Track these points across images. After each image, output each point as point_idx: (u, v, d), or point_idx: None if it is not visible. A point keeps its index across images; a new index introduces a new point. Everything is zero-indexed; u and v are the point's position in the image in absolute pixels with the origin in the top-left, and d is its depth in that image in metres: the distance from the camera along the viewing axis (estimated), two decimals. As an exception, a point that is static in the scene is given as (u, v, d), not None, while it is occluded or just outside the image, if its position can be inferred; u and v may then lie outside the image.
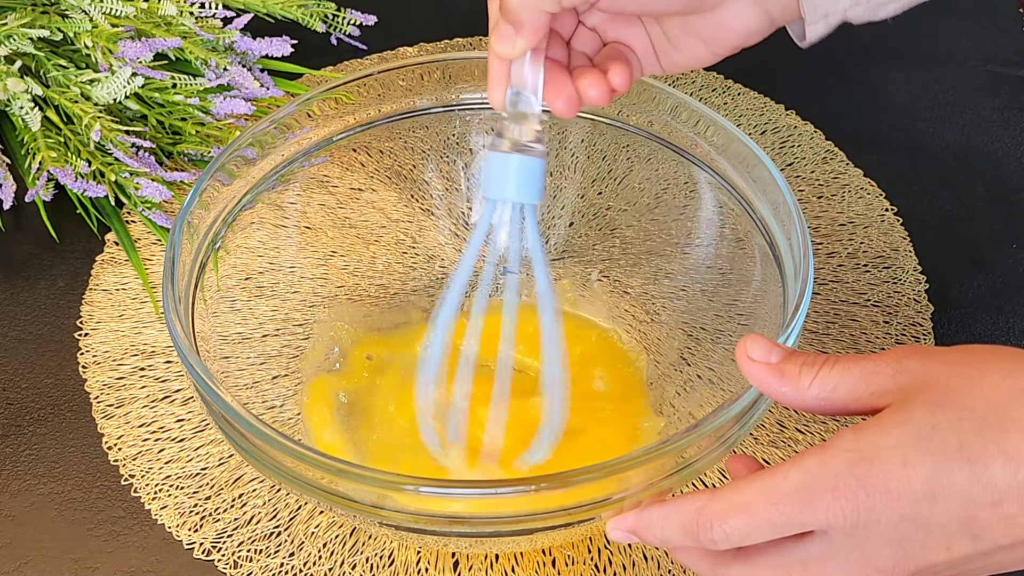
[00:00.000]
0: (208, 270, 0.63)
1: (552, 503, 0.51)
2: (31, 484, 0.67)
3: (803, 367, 0.48)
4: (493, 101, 0.55)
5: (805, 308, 0.56)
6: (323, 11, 0.93)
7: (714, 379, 0.66)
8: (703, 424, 0.52)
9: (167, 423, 0.69)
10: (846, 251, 0.79)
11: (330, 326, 0.70)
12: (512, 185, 0.55)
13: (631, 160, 0.71)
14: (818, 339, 0.73)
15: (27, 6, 0.86)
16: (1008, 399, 0.43)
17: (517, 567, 0.62)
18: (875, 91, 0.92)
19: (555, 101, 0.54)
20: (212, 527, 0.64)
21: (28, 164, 0.80)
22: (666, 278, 0.71)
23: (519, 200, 0.55)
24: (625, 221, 0.73)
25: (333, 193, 0.72)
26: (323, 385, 0.68)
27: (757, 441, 0.68)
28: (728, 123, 0.65)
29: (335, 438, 0.65)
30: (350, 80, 0.68)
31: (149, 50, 0.81)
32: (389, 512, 0.52)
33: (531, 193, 0.55)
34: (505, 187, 0.55)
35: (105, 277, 0.77)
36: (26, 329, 0.75)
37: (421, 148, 0.73)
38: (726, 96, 0.90)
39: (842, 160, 0.85)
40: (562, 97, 0.54)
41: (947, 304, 0.76)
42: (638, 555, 0.63)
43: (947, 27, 0.98)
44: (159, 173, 0.79)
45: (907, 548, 0.44)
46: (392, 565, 0.63)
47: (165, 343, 0.73)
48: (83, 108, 0.80)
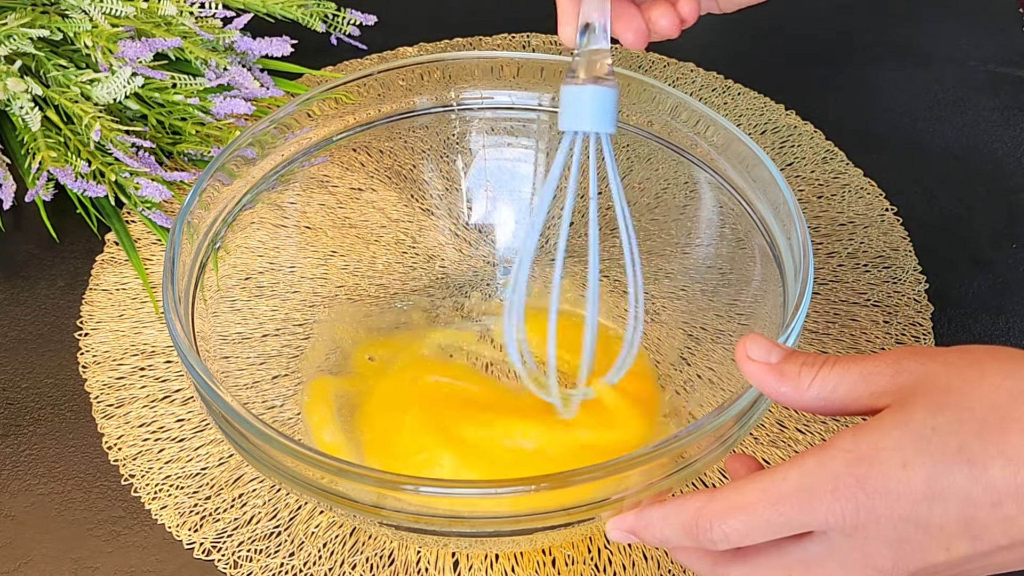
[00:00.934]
0: (208, 270, 0.63)
1: (552, 503, 0.51)
2: (31, 484, 0.67)
3: (803, 367, 0.48)
4: (564, 37, 0.57)
5: (805, 308, 0.56)
6: (323, 11, 0.93)
7: (714, 379, 0.66)
8: (703, 424, 0.52)
9: (167, 423, 0.69)
10: (846, 251, 0.79)
11: (330, 326, 0.70)
12: (587, 115, 0.56)
13: (631, 160, 0.71)
14: (818, 339, 0.73)
15: (27, 6, 0.86)
16: (1008, 400, 0.43)
17: (517, 567, 0.62)
18: (875, 91, 0.92)
19: (625, 33, 0.57)
20: (212, 527, 0.64)
21: (28, 164, 0.80)
22: (666, 278, 0.71)
23: (595, 130, 0.57)
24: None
25: (333, 193, 0.72)
26: (324, 385, 0.68)
27: (757, 441, 0.68)
28: (728, 123, 0.65)
29: (336, 438, 0.65)
30: (350, 80, 0.68)
31: (149, 50, 0.81)
32: (389, 512, 0.52)
33: (606, 122, 0.56)
34: (581, 118, 0.56)
35: (105, 277, 0.77)
36: (26, 329, 0.75)
37: (421, 148, 0.73)
38: (726, 96, 0.90)
39: (842, 160, 0.85)
40: (632, 29, 0.56)
41: (947, 304, 0.76)
42: (638, 555, 0.63)
43: (947, 27, 0.98)
44: (159, 173, 0.79)
45: (906, 549, 0.44)
46: (392, 565, 0.63)
47: (165, 343, 0.73)
48: (83, 108, 0.80)
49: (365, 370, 0.70)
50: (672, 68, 0.93)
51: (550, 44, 0.95)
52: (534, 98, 0.71)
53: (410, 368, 0.70)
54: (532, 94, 0.71)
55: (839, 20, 1.01)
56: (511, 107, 0.72)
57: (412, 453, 0.63)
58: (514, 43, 0.96)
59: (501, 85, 0.71)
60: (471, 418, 0.64)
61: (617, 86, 0.56)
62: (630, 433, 0.64)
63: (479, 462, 0.62)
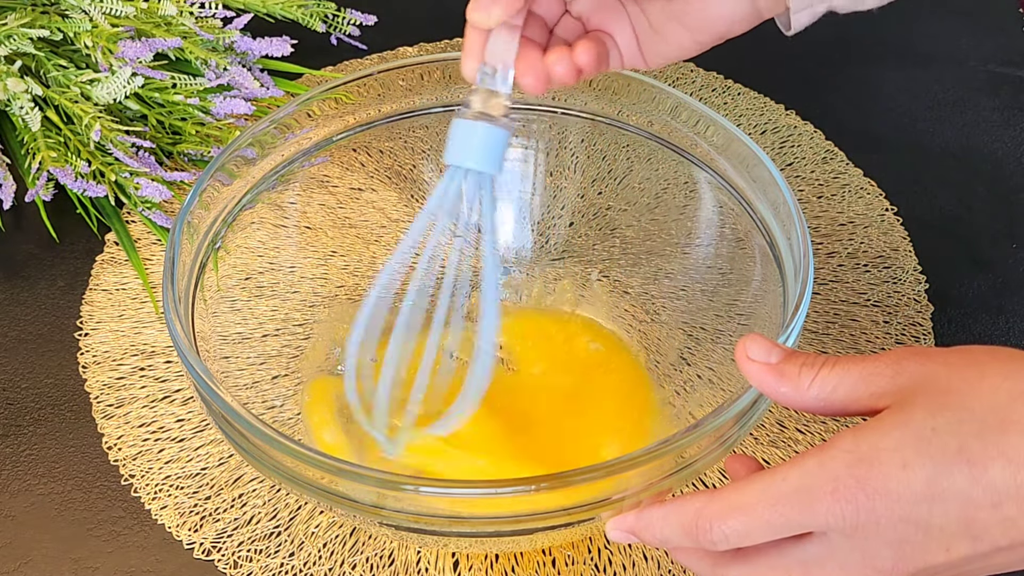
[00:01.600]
0: (208, 270, 0.63)
1: (552, 503, 0.51)
2: (31, 484, 0.67)
3: (803, 368, 0.48)
4: (465, 72, 0.55)
5: (805, 308, 0.56)
6: (323, 11, 0.93)
7: (714, 379, 0.66)
8: (703, 424, 0.52)
9: (167, 423, 0.69)
10: (846, 251, 0.79)
11: (330, 326, 0.70)
12: (475, 153, 0.54)
13: (631, 160, 0.71)
14: (818, 339, 0.73)
15: (27, 6, 0.86)
16: (1008, 401, 0.43)
17: (517, 567, 0.62)
18: (875, 91, 0.92)
19: (524, 77, 0.55)
20: (212, 527, 0.64)
21: (28, 164, 0.80)
22: (666, 278, 0.71)
23: (481, 168, 0.55)
24: (625, 221, 0.73)
25: (333, 193, 0.72)
26: (324, 385, 0.68)
27: (757, 441, 0.68)
28: (728, 123, 0.65)
29: (336, 439, 0.65)
30: (350, 80, 0.68)
31: (149, 50, 0.81)
32: (389, 512, 0.52)
33: (492, 163, 0.55)
34: (467, 155, 0.55)
35: (105, 277, 0.77)
36: (26, 329, 0.75)
37: (421, 148, 0.73)
38: (726, 96, 0.90)
39: (842, 160, 0.85)
40: (532, 73, 0.55)
41: (947, 304, 0.76)
42: (638, 555, 0.63)
43: (947, 27, 0.98)
44: (159, 173, 0.79)
45: (906, 549, 0.44)
46: (392, 565, 0.63)
47: (165, 343, 0.73)
48: (83, 108, 0.80)
49: (366, 370, 0.69)
50: (672, 68, 0.93)
51: (550, 44, 0.95)
52: (534, 98, 0.71)
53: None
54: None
55: (839, 20, 1.01)
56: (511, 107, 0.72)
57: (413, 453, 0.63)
58: (514, 43, 0.95)
59: (501, 85, 0.71)
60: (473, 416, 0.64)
61: (511, 128, 0.55)
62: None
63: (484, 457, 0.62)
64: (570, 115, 0.71)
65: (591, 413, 0.67)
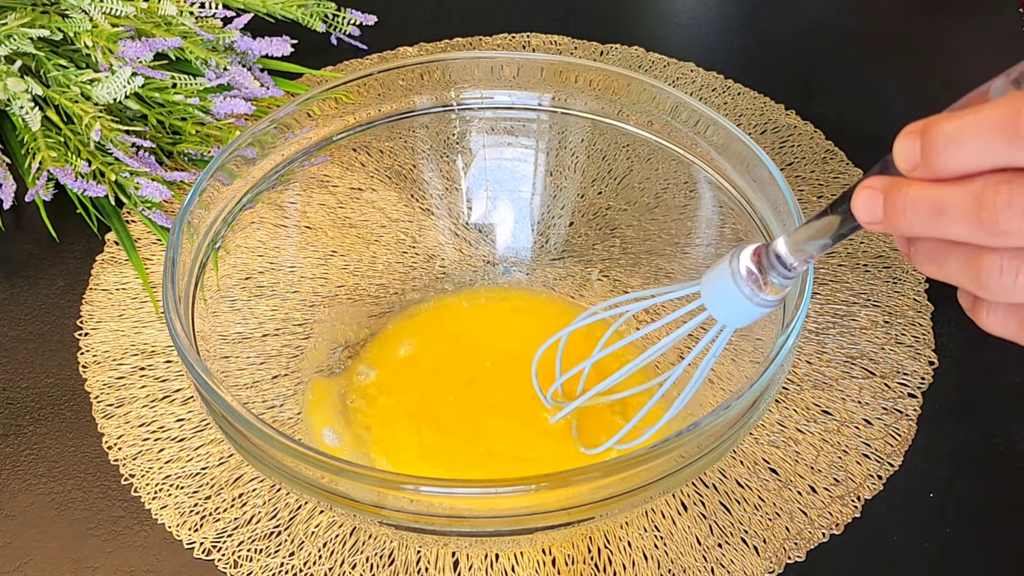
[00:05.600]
0: (208, 270, 0.63)
1: (552, 503, 0.51)
2: (31, 484, 0.67)
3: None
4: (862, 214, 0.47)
5: (805, 308, 0.56)
6: (323, 11, 0.93)
7: (714, 379, 0.66)
8: (703, 424, 0.52)
9: (167, 423, 0.69)
10: (846, 251, 0.79)
11: (331, 326, 0.70)
12: (731, 315, 0.54)
13: (631, 160, 0.71)
14: (818, 339, 0.73)
15: (27, 6, 0.86)
16: None
17: (517, 567, 0.62)
18: (875, 91, 0.92)
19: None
20: (212, 527, 0.64)
21: (28, 164, 0.80)
22: (666, 278, 0.71)
23: (728, 324, 0.54)
24: (625, 221, 0.73)
25: (333, 193, 0.72)
26: (325, 385, 0.68)
27: (757, 441, 0.68)
28: (728, 123, 0.65)
29: (337, 439, 0.65)
30: (350, 80, 0.68)
31: (149, 50, 0.81)
32: (389, 512, 0.52)
33: (741, 320, 0.54)
34: (723, 310, 0.54)
35: (105, 277, 0.77)
36: (26, 329, 0.75)
37: (421, 148, 0.73)
38: (726, 96, 0.90)
39: (842, 160, 0.85)
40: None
41: (947, 304, 0.76)
42: (638, 555, 0.63)
43: (947, 27, 0.98)
44: (159, 173, 0.79)
45: None
46: (392, 565, 0.63)
47: (165, 343, 0.73)
48: (83, 108, 0.80)
49: (368, 369, 0.70)
50: (672, 68, 0.93)
51: (550, 44, 0.96)
52: (534, 98, 0.71)
53: (411, 368, 0.70)
54: (532, 94, 0.71)
55: (839, 20, 1.01)
56: (511, 107, 0.72)
57: (413, 452, 0.63)
58: (514, 43, 0.96)
59: (501, 85, 0.71)
60: (474, 415, 0.64)
61: (773, 307, 0.53)
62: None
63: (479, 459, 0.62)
64: (570, 115, 0.71)
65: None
